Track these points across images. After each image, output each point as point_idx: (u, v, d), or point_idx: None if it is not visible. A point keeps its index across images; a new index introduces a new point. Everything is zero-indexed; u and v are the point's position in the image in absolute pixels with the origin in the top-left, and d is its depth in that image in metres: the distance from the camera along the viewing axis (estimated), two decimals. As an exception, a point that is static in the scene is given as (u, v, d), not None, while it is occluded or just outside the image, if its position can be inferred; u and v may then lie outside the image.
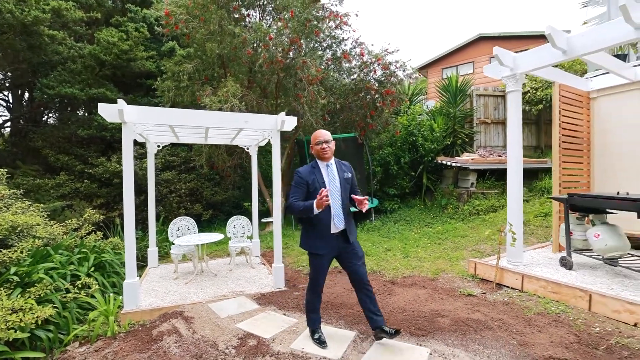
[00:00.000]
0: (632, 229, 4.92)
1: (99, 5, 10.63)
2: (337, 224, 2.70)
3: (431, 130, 9.36)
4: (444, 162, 8.90)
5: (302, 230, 2.86)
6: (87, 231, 5.26)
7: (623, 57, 5.47)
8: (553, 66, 4.56)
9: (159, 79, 8.25)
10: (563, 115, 5.12)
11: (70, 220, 4.89)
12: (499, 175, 8.75)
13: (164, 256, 6.80)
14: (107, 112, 3.80)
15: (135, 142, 6.51)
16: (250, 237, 6.34)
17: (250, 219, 6.39)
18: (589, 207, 3.97)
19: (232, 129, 4.84)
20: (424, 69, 20.17)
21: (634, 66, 5.00)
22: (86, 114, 10.83)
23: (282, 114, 4.43)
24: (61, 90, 8.64)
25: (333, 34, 9.00)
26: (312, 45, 8.86)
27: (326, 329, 3.23)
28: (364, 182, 9.11)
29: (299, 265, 5.74)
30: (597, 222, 4.03)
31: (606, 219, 4.07)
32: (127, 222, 3.90)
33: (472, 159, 8.61)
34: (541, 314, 3.41)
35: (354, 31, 10.68)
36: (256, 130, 4.59)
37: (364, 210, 2.59)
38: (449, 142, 9.51)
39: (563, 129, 5.16)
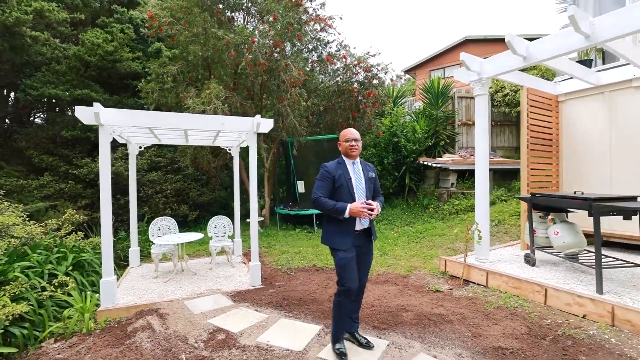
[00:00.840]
0: (585, 226, 5.16)
1: (85, 6, 10.65)
2: (363, 221, 2.63)
3: (413, 131, 9.55)
4: (426, 163, 9.10)
5: (325, 225, 2.73)
6: (67, 231, 5.32)
7: (589, 62, 5.70)
8: (520, 70, 4.76)
9: (143, 80, 8.32)
10: (531, 118, 5.32)
11: (50, 221, 4.95)
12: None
13: (147, 256, 6.86)
14: (84, 114, 3.89)
15: (118, 143, 6.61)
16: (232, 237, 6.43)
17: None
18: (549, 206, 4.16)
19: (210, 131, 4.95)
20: (412, 70, 20.45)
21: (598, 71, 5.24)
22: (72, 115, 10.84)
23: (258, 116, 4.56)
24: (45, 91, 8.66)
25: (318, 36, 9.16)
26: (297, 47, 9.01)
27: (294, 324, 3.37)
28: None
29: (279, 264, 5.87)
30: (557, 221, 4.23)
31: (566, 218, 4.27)
32: (104, 222, 3.98)
33: (452, 160, 8.82)
34: (500, 308, 3.59)
35: (339, 34, 10.85)
36: (232, 132, 4.70)
37: (371, 217, 2.52)
38: (430, 143, 9.72)
39: (532, 131, 5.36)
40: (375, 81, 8.48)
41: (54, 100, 10.31)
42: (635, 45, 4.10)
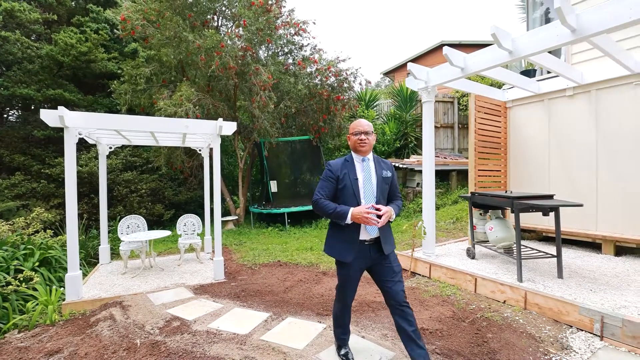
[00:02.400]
0: (534, 223, 5.65)
1: (59, 4, 10.62)
2: (369, 229, 2.23)
3: (383, 133, 9.96)
4: (394, 164, 9.51)
5: (327, 231, 2.41)
6: (35, 229, 5.46)
7: (534, 72, 6.19)
8: (467, 79, 5.18)
9: (115, 81, 8.43)
10: (480, 123, 5.76)
11: (17, 219, 5.09)
12: (444, 176, 9.45)
13: (119, 254, 7.02)
14: (49, 117, 4.07)
15: (92, 143, 6.77)
16: (201, 235, 6.67)
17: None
18: (485, 204, 4.58)
19: (176, 133, 5.19)
20: (391, 73, 20.96)
21: (538, 80, 5.72)
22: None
23: (220, 119, 4.82)
24: (16, 90, 8.66)
25: (293, 40, 9.46)
26: (271, 51, 9.28)
27: (246, 312, 3.67)
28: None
29: (245, 260, 6.14)
30: (493, 217, 4.66)
31: (500, 215, 4.71)
32: (69, 219, 4.17)
33: (417, 161, 9.27)
34: (435, 296, 3.98)
35: (314, 38, 11.15)
36: (196, 134, 4.95)
37: (378, 225, 2.11)
38: (399, 145, 10.15)
39: (481, 134, 5.81)
40: (345, 85, 8.83)
41: (27, 101, 10.28)
42: (558, 59, 4.56)
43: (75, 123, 4.21)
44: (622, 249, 4.85)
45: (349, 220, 2.13)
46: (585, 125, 5.17)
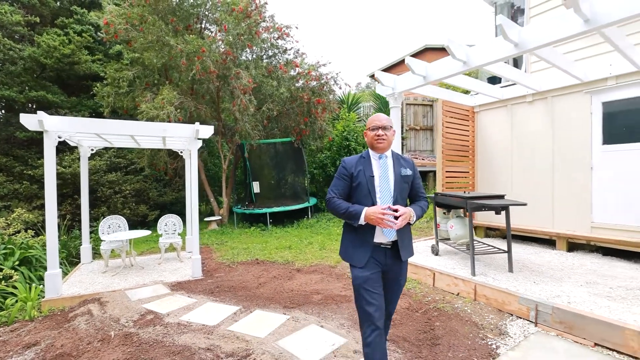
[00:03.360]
0: (498, 222, 5.99)
1: (42, 5, 10.64)
2: (386, 232, 2.04)
3: (364, 135, 10.26)
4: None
5: (342, 233, 2.25)
6: (16, 229, 5.58)
7: (499, 79, 6.54)
8: (437, 85, 5.49)
9: (98, 84, 8.54)
10: (446, 127, 6.08)
11: (-2, 220, 5.21)
12: (422, 176, 9.79)
13: (100, 253, 7.16)
14: (29, 121, 4.23)
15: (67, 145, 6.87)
16: (182, 234, 6.85)
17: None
18: (446, 204, 4.88)
19: (156, 136, 5.37)
20: (374, 77, 21.31)
21: (502, 87, 6.07)
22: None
23: (197, 123, 5.04)
24: (-2, 92, 8.71)
25: (276, 43, 9.70)
26: (255, 54, 9.49)
27: (217, 306, 3.90)
28: (305, 183, 9.88)
29: (224, 258, 6.34)
30: (454, 216, 4.97)
31: (461, 214, 5.02)
32: (48, 219, 4.35)
33: (396, 162, 9.58)
34: (397, 289, 4.26)
35: (297, 42, 11.41)
36: (174, 137, 5.15)
37: (394, 227, 1.93)
38: (379, 147, 10.45)
39: (448, 138, 6.13)
40: (325, 89, 9.10)
41: (10, 102, 10.29)
42: (512, 68, 4.89)
43: (54, 127, 4.37)
44: (574, 245, 5.21)
45: (362, 222, 1.96)
46: (543, 129, 5.52)
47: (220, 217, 9.69)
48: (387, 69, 20.62)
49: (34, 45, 9.84)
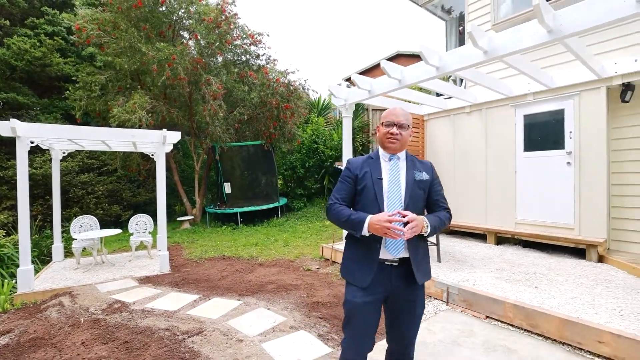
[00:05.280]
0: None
1: (12, 5, 10.63)
2: (390, 245, 1.69)
3: (331, 139, 10.85)
4: (340, 167, 10.42)
5: (344, 248, 1.91)
6: (-13, 229, 5.82)
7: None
8: (385, 96, 6.11)
9: (70, 88, 8.74)
10: (397, 134, 6.73)
11: (-30, 220, 5.45)
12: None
13: (72, 252, 7.42)
14: (1, 127, 4.54)
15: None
16: (153, 233, 7.21)
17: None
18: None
19: (125, 141, 5.74)
20: (350, 80, 22.02)
21: (445, 99, 6.77)
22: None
23: (164, 130, 5.45)
24: (-34, 93, 8.75)
25: (249, 49, 10.13)
26: (228, 59, 9.88)
27: (180, 295, 4.35)
28: (275, 184, 10.38)
29: (193, 255, 6.75)
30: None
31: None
32: (21, 217, 4.65)
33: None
34: (342, 279, 4.83)
35: (269, 48, 11.89)
36: (142, 142, 5.55)
37: (404, 237, 1.58)
38: (346, 150, 11.07)
39: (399, 144, 6.77)
40: (293, 95, 9.63)
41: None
42: (448, 84, 5.58)
43: (27, 133, 4.69)
44: (502, 239, 5.96)
45: (365, 232, 1.63)
46: (478, 137, 6.25)
47: (192, 217, 10.04)
48: (361, 73, 21.36)
49: (3, 46, 9.87)
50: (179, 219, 10.00)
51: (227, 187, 9.89)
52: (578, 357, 2.65)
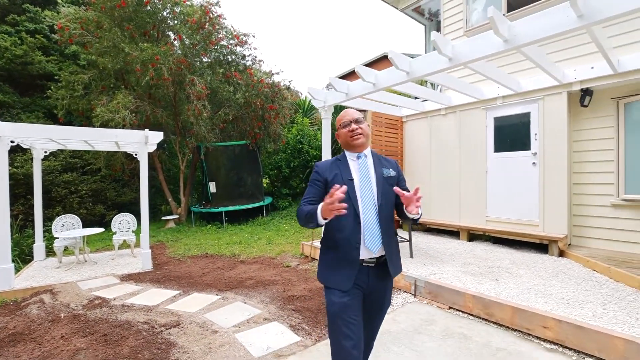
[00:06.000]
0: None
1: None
2: (370, 244, 1.71)
3: (316, 139, 11.04)
4: (324, 167, 10.61)
5: (320, 251, 1.90)
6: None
7: (424, 92, 7.50)
8: (363, 98, 6.31)
9: (53, 87, 8.71)
10: (375, 135, 6.96)
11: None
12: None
13: (54, 251, 7.42)
14: (-19, 127, 4.58)
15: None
16: (137, 232, 7.27)
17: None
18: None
19: (108, 141, 5.81)
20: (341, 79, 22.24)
21: (422, 101, 7.03)
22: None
23: (147, 130, 5.55)
24: (-55, 92, 8.63)
25: (235, 50, 10.22)
26: (213, 59, 9.95)
27: (160, 291, 4.48)
28: (260, 184, 10.52)
29: (176, 253, 6.86)
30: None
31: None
32: (0, 217, 4.71)
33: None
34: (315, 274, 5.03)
35: (255, 49, 11.99)
36: (125, 142, 5.63)
37: (410, 215, 1.67)
38: (332, 149, 11.26)
39: (376, 144, 7.01)
40: (278, 96, 9.78)
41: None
42: (426, 89, 5.83)
43: (8, 133, 4.74)
44: (474, 236, 6.23)
45: (321, 220, 1.61)
46: (453, 138, 6.52)
47: (177, 216, 10.10)
48: (348, 75, 21.60)
49: (-17, 43, 9.75)
50: (163, 218, 10.05)
51: (212, 187, 9.98)
52: (525, 342, 2.89)
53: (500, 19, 3.20)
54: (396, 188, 1.67)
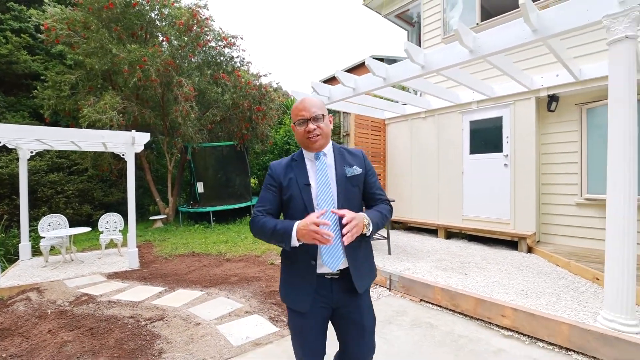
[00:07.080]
0: (401, 216, 7.19)
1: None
2: (327, 258, 1.49)
3: (303, 140, 11.25)
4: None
5: (280, 266, 1.70)
6: (-47, 228, 5.84)
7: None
8: (346, 101, 6.54)
9: (39, 86, 8.71)
10: (358, 137, 7.20)
11: None
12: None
13: (40, 251, 7.45)
14: (-33, 128, 4.66)
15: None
16: (124, 232, 7.36)
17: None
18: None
19: (94, 142, 5.91)
20: (328, 82, 22.48)
21: (403, 105, 7.29)
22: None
23: (133, 131, 5.67)
24: None
25: (223, 51, 10.35)
26: (202, 60, 10.06)
27: (146, 288, 4.62)
28: (248, 184, 10.66)
29: (163, 252, 6.97)
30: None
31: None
32: (-13, 218, 4.79)
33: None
34: (302, 271, 5.23)
35: (243, 50, 12.14)
36: (112, 142, 5.74)
37: (346, 242, 1.35)
38: (317, 150, 11.50)
39: (359, 145, 7.24)
40: (266, 97, 9.95)
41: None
42: (407, 93, 6.09)
43: (-6, 133, 4.82)
44: (451, 234, 6.52)
45: (295, 242, 1.40)
46: (432, 140, 6.79)
47: (165, 216, 10.18)
48: (333, 78, 21.85)
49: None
50: (151, 217, 10.12)
51: (200, 187, 10.09)
52: (485, 329, 3.14)
53: (465, 31, 3.45)
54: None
